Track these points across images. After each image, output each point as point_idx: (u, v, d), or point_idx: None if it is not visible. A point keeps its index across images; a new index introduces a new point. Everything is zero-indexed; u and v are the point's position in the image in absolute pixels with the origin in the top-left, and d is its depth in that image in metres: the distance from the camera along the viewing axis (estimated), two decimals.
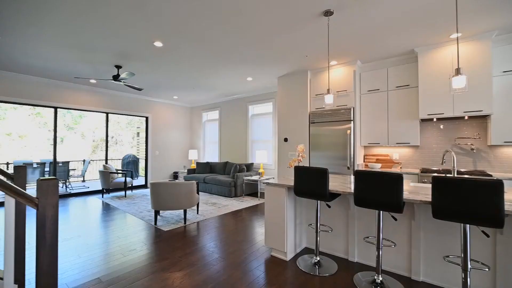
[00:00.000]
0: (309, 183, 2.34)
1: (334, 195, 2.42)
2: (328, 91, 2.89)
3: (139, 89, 5.10)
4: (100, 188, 6.34)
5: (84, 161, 8.42)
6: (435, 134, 3.97)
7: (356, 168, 4.23)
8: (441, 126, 3.92)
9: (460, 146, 3.76)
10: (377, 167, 4.07)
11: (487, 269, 1.92)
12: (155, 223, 3.84)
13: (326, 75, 4.59)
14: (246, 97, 7.01)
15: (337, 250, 2.80)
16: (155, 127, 7.71)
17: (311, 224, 2.81)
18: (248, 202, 5.41)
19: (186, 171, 7.67)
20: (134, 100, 7.17)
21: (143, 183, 7.61)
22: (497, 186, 1.45)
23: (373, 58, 4.14)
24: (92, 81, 5.66)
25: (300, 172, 2.40)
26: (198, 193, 4.35)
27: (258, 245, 3.11)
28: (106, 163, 6.65)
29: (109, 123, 6.74)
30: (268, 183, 2.77)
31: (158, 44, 3.62)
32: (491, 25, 3.04)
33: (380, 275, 2.19)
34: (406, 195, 2.00)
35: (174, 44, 3.65)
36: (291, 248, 2.75)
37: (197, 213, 4.41)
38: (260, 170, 5.82)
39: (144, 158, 7.55)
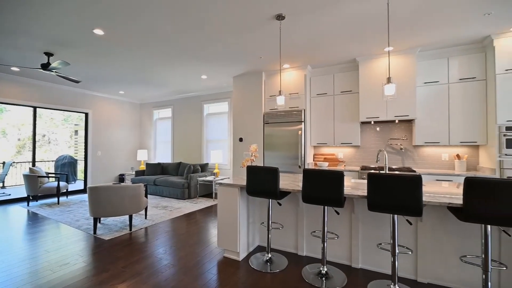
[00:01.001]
0: (261, 183, 2.38)
1: (285, 193, 2.50)
2: (280, 93, 2.98)
3: (77, 81, 4.51)
4: (26, 195, 5.42)
5: (3, 163, 7.09)
6: (373, 135, 4.45)
7: (306, 167, 4.48)
8: (378, 129, 4.42)
9: (392, 146, 4.29)
10: (325, 166, 4.38)
11: (410, 252, 2.22)
12: (95, 232, 3.44)
13: (279, 77, 4.75)
14: (201, 96, 6.82)
15: (288, 245, 2.91)
16: (97, 124, 6.93)
17: (263, 223, 2.86)
18: (202, 203, 5.26)
19: (134, 173, 7.08)
20: (70, 93, 6.32)
21: (82, 187, 6.77)
22: (416, 180, 1.69)
23: (322, 64, 4.43)
24: (14, 68, 4.80)
25: (252, 171, 2.42)
26: (146, 196, 4.06)
27: (211, 247, 3.04)
28: (34, 165, 5.72)
29: (40, 119, 5.82)
30: (220, 184, 2.72)
31: (98, 32, 3.25)
32: (416, 43, 3.54)
33: (325, 266, 2.35)
34: (348, 190, 2.18)
35: (118, 34, 3.33)
36: (244, 248, 2.76)
37: (145, 218, 4.11)
38: (215, 171, 5.72)
39: (84, 159, 6.72)
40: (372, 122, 4.30)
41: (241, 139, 5.10)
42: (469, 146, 3.81)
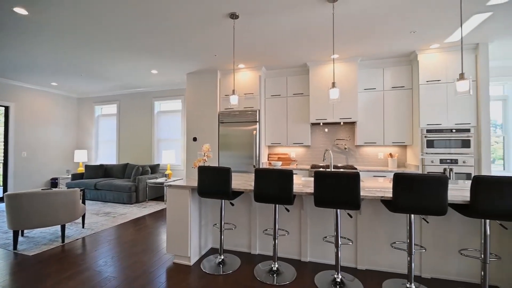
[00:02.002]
0: (213, 183, 2.32)
1: (237, 193, 2.49)
2: (233, 92, 2.96)
3: None
4: None
5: None
6: (322, 136, 4.77)
7: (261, 166, 4.56)
8: (326, 130, 4.75)
9: (338, 146, 4.66)
10: (278, 165, 4.52)
11: (351, 243, 2.43)
12: (15, 248, 2.91)
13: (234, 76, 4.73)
14: (152, 92, 6.38)
15: (241, 245, 2.91)
16: (22, 120, 5.90)
17: (216, 224, 2.80)
18: (152, 207, 4.92)
19: (70, 176, 6.24)
20: None
21: (1, 194, 5.68)
22: (354, 177, 1.85)
23: (276, 66, 4.57)
24: None
25: (204, 172, 2.35)
26: (84, 202, 3.61)
27: (160, 253, 2.85)
28: None
29: None
30: (170, 185, 2.57)
31: (20, 10, 2.76)
32: (357, 52, 3.91)
33: (276, 263, 2.41)
34: (297, 188, 2.27)
35: (47, 16, 2.87)
36: (195, 252, 2.66)
37: (83, 227, 3.64)
38: (167, 172, 5.41)
39: (3, 161, 5.64)
40: (321, 124, 4.61)
41: (195, 139, 4.93)
42: (399, 146, 4.37)
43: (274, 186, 2.13)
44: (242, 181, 2.72)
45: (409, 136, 4.08)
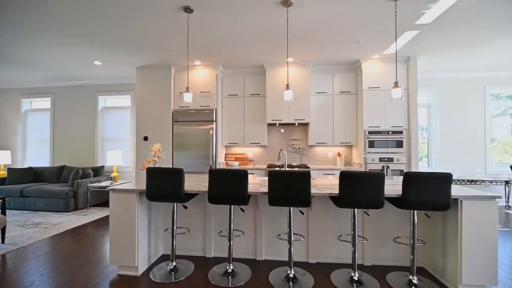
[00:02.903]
0: (163, 185, 2.17)
1: (191, 195, 2.38)
2: (187, 90, 2.83)
3: None
4: None
5: None
6: (278, 136, 4.90)
7: (218, 167, 4.47)
8: (282, 130, 4.90)
9: (293, 146, 4.85)
10: (236, 165, 4.50)
11: (303, 238, 2.53)
12: None
13: (190, 73, 4.55)
14: (95, 85, 5.72)
15: (195, 249, 2.79)
16: None
17: (167, 229, 2.64)
18: (94, 214, 4.41)
19: None
20: None
21: None
22: (305, 175, 1.94)
23: (233, 65, 4.53)
24: None
25: (153, 174, 2.18)
26: (4, 213, 3.04)
27: (102, 266, 2.56)
28: None
29: None
30: (113, 189, 2.33)
31: None
32: (310, 57, 4.12)
33: (231, 265, 2.37)
34: (255, 187, 2.27)
35: None
36: (144, 261, 2.46)
37: (2, 242, 3.06)
38: (113, 174, 4.92)
39: None
40: (277, 124, 4.74)
41: (146, 138, 4.58)
42: (346, 146, 4.76)
43: (228, 186, 2.09)
44: (196, 182, 2.62)
45: (354, 137, 4.47)
